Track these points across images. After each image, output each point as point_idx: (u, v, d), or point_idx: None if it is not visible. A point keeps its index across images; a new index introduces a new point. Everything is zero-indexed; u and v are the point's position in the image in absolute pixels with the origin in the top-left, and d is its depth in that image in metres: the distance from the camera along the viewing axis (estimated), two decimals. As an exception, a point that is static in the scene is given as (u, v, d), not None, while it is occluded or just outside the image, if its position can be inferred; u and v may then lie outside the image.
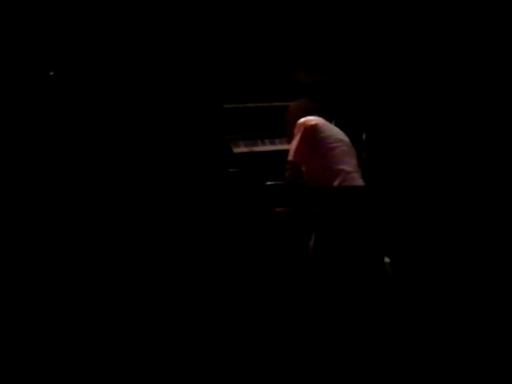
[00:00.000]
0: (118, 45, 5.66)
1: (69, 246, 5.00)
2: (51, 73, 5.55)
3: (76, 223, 5.16)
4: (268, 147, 5.76)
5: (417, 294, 5.24)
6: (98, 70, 5.58)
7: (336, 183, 4.99)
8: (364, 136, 5.67)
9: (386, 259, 5.02)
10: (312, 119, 5.17)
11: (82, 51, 5.57)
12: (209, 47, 5.90)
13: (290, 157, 5.12)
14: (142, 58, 5.72)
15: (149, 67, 5.74)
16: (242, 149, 5.67)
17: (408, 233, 5.78)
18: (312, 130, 5.11)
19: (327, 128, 5.19)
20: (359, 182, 5.10)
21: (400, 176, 6.13)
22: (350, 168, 5.09)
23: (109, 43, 5.64)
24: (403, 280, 5.19)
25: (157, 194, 5.50)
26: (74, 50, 5.55)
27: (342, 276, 4.79)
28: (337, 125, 5.42)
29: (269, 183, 5.24)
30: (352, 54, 6.28)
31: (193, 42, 5.86)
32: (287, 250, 5.09)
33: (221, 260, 5.18)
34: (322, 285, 4.81)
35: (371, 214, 4.99)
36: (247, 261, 5.12)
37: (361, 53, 6.26)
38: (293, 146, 5.13)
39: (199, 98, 5.79)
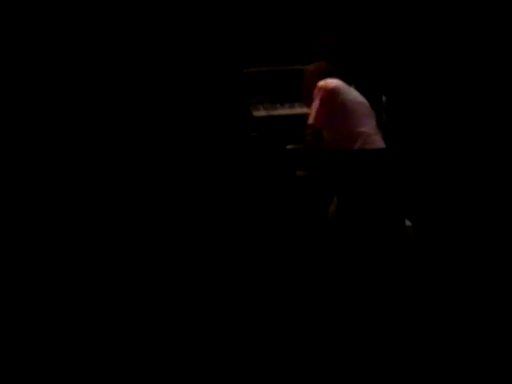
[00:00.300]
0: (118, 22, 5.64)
1: (70, 246, 5.01)
2: None
3: (79, 221, 5.16)
4: (287, 111, 5.74)
5: (437, 258, 5.22)
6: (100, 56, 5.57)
7: (357, 146, 4.98)
8: (384, 98, 5.63)
9: (408, 222, 5.02)
10: (331, 82, 5.14)
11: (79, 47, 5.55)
12: (228, 11, 5.87)
13: (310, 120, 5.10)
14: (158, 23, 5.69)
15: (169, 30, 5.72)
16: (261, 113, 5.66)
17: (430, 196, 5.77)
18: (332, 92, 5.09)
19: (347, 90, 5.17)
20: (380, 144, 5.09)
21: (420, 138, 6.11)
22: (370, 130, 5.07)
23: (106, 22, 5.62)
24: (424, 243, 5.19)
25: (175, 161, 5.50)
26: (74, 49, 5.53)
27: (363, 240, 4.80)
28: (356, 87, 5.39)
29: (289, 147, 5.24)
30: (372, 14, 6.23)
31: (211, 5, 5.82)
32: (307, 214, 5.09)
33: (240, 224, 5.19)
34: (342, 248, 4.81)
35: (392, 177, 4.98)
36: (267, 224, 5.13)
37: (381, 13, 6.21)
38: (313, 109, 5.11)
39: (219, 62, 5.77)
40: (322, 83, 5.13)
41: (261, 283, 4.81)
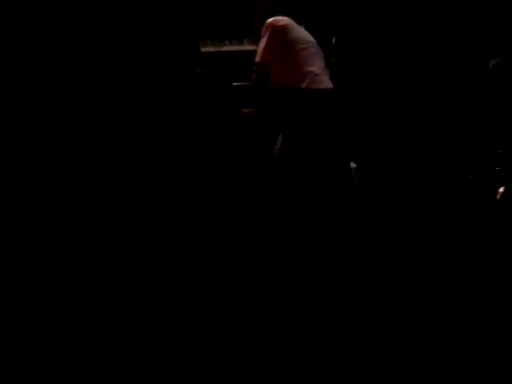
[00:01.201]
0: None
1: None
2: None
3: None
4: (236, 47, 5.67)
5: (381, 201, 5.24)
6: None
7: (304, 85, 4.93)
8: (333, 40, 5.58)
9: (353, 164, 5.01)
10: (281, 19, 5.07)
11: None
12: None
13: (258, 58, 5.03)
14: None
15: None
16: (209, 48, 5.58)
17: (375, 138, 5.77)
18: (281, 30, 5.02)
19: (296, 29, 5.10)
20: (328, 84, 5.05)
21: (368, 81, 6.10)
22: (318, 70, 5.03)
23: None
24: (368, 186, 5.19)
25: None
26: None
27: (306, 180, 4.77)
28: (306, 28, 5.33)
29: (235, 84, 5.17)
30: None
31: None
32: (253, 153, 5.04)
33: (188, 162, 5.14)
34: (287, 189, 4.78)
35: (339, 118, 4.95)
36: (213, 161, 5.09)
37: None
38: (260, 46, 5.03)
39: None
40: (270, 20, 5.04)
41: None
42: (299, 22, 5.25)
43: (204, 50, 5.56)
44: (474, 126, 5.67)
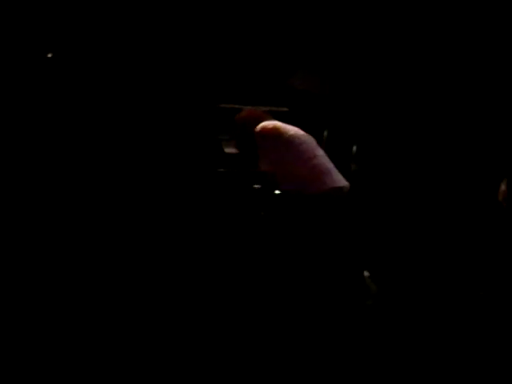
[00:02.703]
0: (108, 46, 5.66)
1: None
2: (49, 55, 5.54)
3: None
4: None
5: (400, 307, 5.23)
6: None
7: (321, 185, 4.91)
8: (354, 148, 5.68)
9: (366, 273, 5.03)
10: (269, 123, 5.03)
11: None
12: (208, 46, 5.91)
13: (262, 167, 5.01)
14: (136, 59, 5.72)
15: (142, 66, 5.74)
16: (233, 149, 5.66)
17: (390, 248, 5.81)
18: (274, 131, 4.98)
19: (287, 127, 5.05)
20: (340, 179, 5.03)
21: (387, 188, 6.18)
22: (324, 160, 5.02)
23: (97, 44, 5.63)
24: (386, 293, 5.19)
25: (145, 189, 5.50)
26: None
27: (320, 288, 4.76)
28: (328, 135, 5.41)
29: (256, 186, 5.23)
30: (346, 64, 6.32)
31: (190, 41, 5.86)
32: (271, 256, 5.06)
33: (206, 261, 5.18)
34: (301, 301, 4.76)
35: (355, 226, 4.99)
36: (231, 262, 5.12)
37: (354, 64, 6.30)
38: (260, 156, 5.00)
39: (194, 96, 5.79)
40: (259, 128, 5.00)
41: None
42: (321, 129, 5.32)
43: (228, 151, 5.64)
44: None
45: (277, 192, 4.99)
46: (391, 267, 5.67)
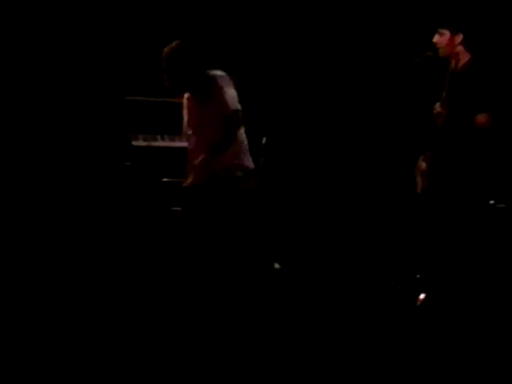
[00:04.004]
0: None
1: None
2: None
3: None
4: (167, 143, 5.69)
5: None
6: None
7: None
8: (264, 140, 5.66)
9: (276, 265, 5.04)
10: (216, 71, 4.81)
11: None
12: (112, 38, 5.85)
13: (235, 105, 4.73)
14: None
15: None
16: (140, 142, 5.59)
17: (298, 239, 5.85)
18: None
19: None
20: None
21: (296, 181, 6.22)
22: None
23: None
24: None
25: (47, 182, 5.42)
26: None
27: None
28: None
29: (165, 179, 5.18)
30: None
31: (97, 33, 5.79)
32: (182, 250, 5.00)
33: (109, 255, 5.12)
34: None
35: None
36: (137, 258, 5.07)
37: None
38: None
39: (102, 88, 5.71)
40: (213, 72, 4.76)
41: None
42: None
43: (135, 143, 5.57)
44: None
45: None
46: (300, 259, 5.71)
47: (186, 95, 4.88)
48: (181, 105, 5.03)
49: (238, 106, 4.74)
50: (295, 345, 4.26)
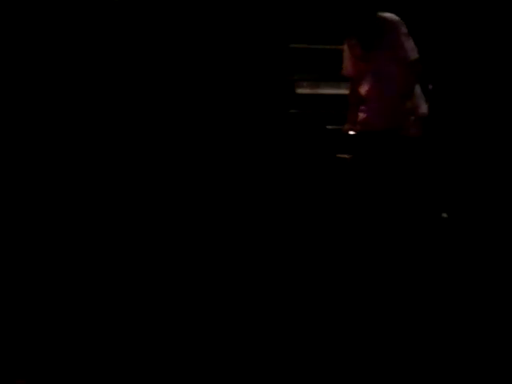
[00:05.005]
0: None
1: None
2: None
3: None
4: (332, 90, 5.65)
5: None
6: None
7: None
8: (430, 87, 5.52)
9: (444, 215, 4.93)
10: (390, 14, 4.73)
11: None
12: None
13: (415, 54, 4.73)
14: None
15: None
16: (305, 90, 5.58)
17: (465, 189, 5.69)
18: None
19: None
20: None
21: (460, 130, 6.04)
22: None
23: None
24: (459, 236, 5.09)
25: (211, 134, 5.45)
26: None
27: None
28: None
29: (330, 127, 5.13)
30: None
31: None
32: (347, 199, 4.96)
33: (275, 204, 5.12)
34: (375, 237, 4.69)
35: (428, 167, 4.86)
36: (305, 206, 5.05)
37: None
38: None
39: (266, 36, 5.68)
40: (390, 16, 4.68)
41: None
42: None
43: (300, 91, 5.56)
44: None
45: (351, 133, 4.87)
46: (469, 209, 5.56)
47: (350, 41, 4.80)
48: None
49: (417, 55, 4.70)
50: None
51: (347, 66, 4.83)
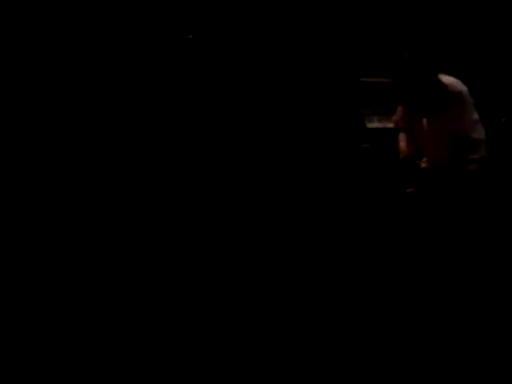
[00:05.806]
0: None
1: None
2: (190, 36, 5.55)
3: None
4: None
5: None
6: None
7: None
8: (503, 120, 5.46)
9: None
10: (454, 81, 4.60)
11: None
12: (347, 20, 5.81)
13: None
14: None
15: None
16: (375, 124, 5.55)
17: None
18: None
19: None
20: None
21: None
22: None
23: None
24: None
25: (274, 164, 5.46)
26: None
27: None
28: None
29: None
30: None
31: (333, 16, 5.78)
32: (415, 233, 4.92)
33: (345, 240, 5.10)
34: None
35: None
36: (372, 239, 5.02)
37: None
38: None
39: (336, 70, 5.70)
40: (454, 84, 4.54)
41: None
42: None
43: (370, 126, 5.54)
44: None
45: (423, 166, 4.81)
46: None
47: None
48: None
49: (476, 134, 4.53)
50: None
51: (399, 118, 4.82)
